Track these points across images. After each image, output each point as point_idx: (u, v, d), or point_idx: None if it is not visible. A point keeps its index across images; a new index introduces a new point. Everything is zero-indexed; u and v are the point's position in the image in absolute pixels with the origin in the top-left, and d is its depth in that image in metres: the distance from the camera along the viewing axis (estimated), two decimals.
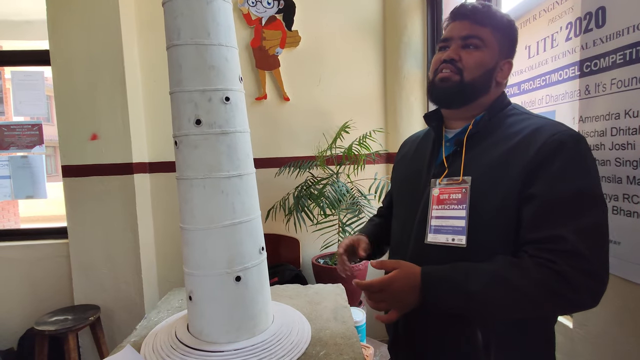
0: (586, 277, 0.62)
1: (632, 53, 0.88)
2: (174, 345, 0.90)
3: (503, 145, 0.75)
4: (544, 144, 0.69)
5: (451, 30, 0.82)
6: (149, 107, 2.38)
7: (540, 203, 0.67)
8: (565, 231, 0.63)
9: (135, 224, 2.22)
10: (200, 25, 0.86)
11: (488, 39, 0.79)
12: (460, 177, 0.77)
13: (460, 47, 0.80)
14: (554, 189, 0.66)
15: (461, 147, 0.80)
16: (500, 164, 0.73)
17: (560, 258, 0.62)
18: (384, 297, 0.73)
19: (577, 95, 1.05)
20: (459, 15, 0.82)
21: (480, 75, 0.79)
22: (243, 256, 0.91)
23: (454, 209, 0.77)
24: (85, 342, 2.26)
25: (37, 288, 2.31)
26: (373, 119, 2.50)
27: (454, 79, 0.80)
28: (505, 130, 0.77)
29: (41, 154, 2.36)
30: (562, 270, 0.62)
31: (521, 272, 0.64)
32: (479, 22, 0.80)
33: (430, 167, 0.86)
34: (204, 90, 0.87)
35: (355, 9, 2.44)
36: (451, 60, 0.80)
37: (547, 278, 0.63)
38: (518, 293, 0.64)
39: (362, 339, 1.83)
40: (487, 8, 0.81)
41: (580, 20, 1.03)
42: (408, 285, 0.71)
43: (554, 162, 0.67)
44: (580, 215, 0.64)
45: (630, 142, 0.89)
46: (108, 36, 2.12)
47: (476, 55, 0.79)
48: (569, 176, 0.66)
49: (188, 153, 0.88)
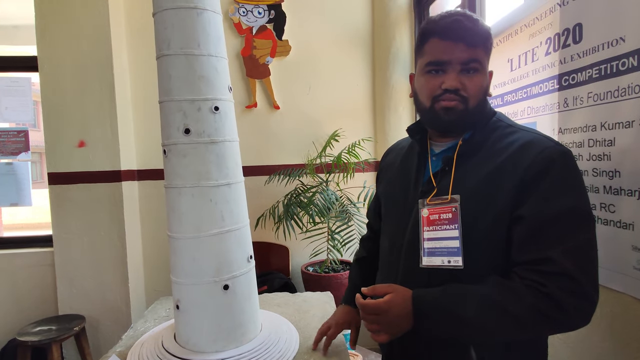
0: (577, 299, 0.62)
1: (607, 68, 0.92)
2: (161, 355, 0.89)
3: (491, 162, 0.73)
4: (533, 162, 0.68)
5: (446, 53, 0.75)
6: (138, 114, 2.37)
7: (529, 223, 0.66)
8: (554, 253, 0.63)
9: (122, 232, 2.20)
10: (191, 36, 0.88)
11: (483, 60, 0.76)
12: (449, 196, 0.75)
13: (458, 72, 0.75)
14: (543, 210, 0.65)
15: (450, 165, 0.78)
16: (489, 182, 0.72)
17: (550, 281, 0.62)
18: (378, 321, 0.72)
19: (556, 108, 1.09)
20: (453, 36, 0.74)
21: (481, 98, 0.77)
22: (231, 264, 0.91)
23: (445, 229, 0.75)
24: (70, 352, 2.21)
25: (20, 297, 2.26)
26: (362, 128, 2.53)
27: (459, 108, 0.75)
28: (492, 146, 0.75)
29: (27, 160, 2.32)
30: (553, 293, 0.62)
31: (513, 297, 0.64)
32: (474, 44, 0.74)
33: (417, 185, 0.84)
34: (193, 99, 0.88)
35: (344, 19, 2.48)
36: (455, 90, 0.74)
37: (538, 302, 0.62)
38: (510, 317, 0.64)
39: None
40: (478, 25, 0.75)
41: (558, 36, 1.08)
42: (403, 312, 0.71)
43: (543, 181, 0.66)
44: (569, 235, 0.64)
45: (606, 153, 0.93)
46: (97, 43, 2.12)
47: (477, 79, 0.75)
48: (557, 196, 0.66)
49: (177, 162, 0.89)
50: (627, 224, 0.88)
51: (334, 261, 2.30)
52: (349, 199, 2.27)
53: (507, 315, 0.64)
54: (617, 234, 0.91)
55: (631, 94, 0.85)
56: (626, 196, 0.88)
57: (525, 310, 0.63)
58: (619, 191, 0.90)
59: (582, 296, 0.63)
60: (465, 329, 0.68)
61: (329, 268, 2.28)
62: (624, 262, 0.90)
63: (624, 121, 0.87)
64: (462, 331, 0.68)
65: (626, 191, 0.88)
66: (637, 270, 0.86)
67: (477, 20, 0.75)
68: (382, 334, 0.72)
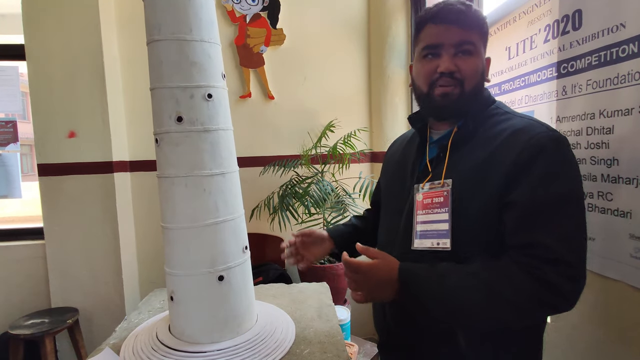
0: (571, 282, 0.63)
1: (607, 55, 0.91)
2: (155, 347, 0.88)
3: (484, 147, 0.74)
4: (523, 148, 0.68)
5: (439, 36, 0.76)
6: (130, 103, 2.33)
7: (522, 209, 0.66)
8: (548, 238, 0.63)
9: (115, 223, 2.17)
10: (182, 21, 0.85)
11: (477, 43, 0.76)
12: (442, 181, 0.76)
13: (452, 55, 0.75)
14: (535, 195, 0.66)
15: (444, 152, 0.79)
16: (482, 166, 0.72)
17: (546, 265, 0.63)
18: (359, 280, 0.73)
19: (554, 96, 1.08)
20: (445, 19, 0.75)
21: (477, 81, 0.78)
22: (226, 255, 0.90)
23: (437, 212, 0.76)
24: (63, 345, 2.19)
25: (11, 291, 2.22)
26: (358, 119, 2.51)
27: (455, 92, 0.76)
28: (486, 132, 0.76)
29: (16, 152, 2.28)
30: (551, 279, 0.62)
31: (505, 279, 0.64)
32: (467, 26, 0.75)
33: (414, 172, 0.85)
34: (186, 86, 0.85)
35: (340, 8, 2.44)
36: (450, 73, 0.75)
37: (532, 286, 0.63)
38: (499, 299, 0.64)
39: (346, 337, 1.84)
40: (471, 10, 0.76)
41: (557, 23, 1.06)
42: (386, 278, 0.71)
43: (534, 166, 0.66)
44: (561, 220, 0.64)
45: (605, 141, 0.92)
46: (86, 30, 2.06)
47: (472, 61, 0.75)
48: (548, 181, 0.66)
49: (169, 151, 0.87)
50: (625, 212, 0.88)
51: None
52: (345, 189, 2.26)
53: (497, 296, 0.64)
54: (615, 222, 0.91)
55: (631, 81, 0.84)
56: (624, 184, 0.88)
57: (520, 294, 0.63)
58: (617, 179, 0.90)
59: (576, 279, 0.64)
60: (446, 303, 0.67)
61: (325, 259, 2.27)
62: (620, 251, 0.90)
63: (623, 109, 0.87)
64: (443, 306, 0.68)
65: (624, 179, 0.88)
66: (634, 258, 0.86)
67: (470, 5, 0.76)
68: (359, 294, 0.73)
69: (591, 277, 0.99)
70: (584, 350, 1.04)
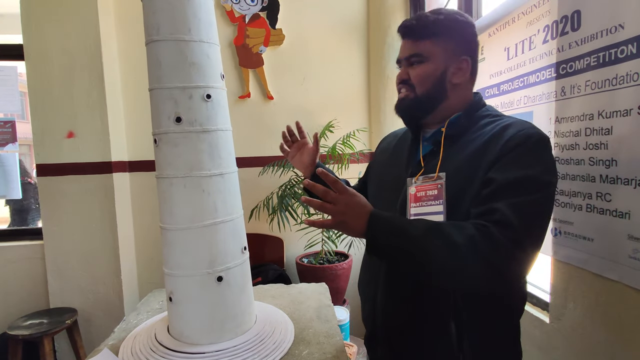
0: (509, 242, 0.66)
1: (605, 56, 0.91)
2: (154, 348, 0.88)
3: (476, 142, 0.79)
4: (510, 138, 0.74)
5: (400, 51, 0.89)
6: (129, 104, 2.32)
7: (493, 185, 0.71)
8: (500, 204, 0.69)
9: (114, 224, 2.17)
10: (181, 21, 0.85)
11: (428, 51, 0.84)
12: (436, 174, 0.80)
13: (407, 66, 0.87)
14: (505, 173, 0.71)
15: (438, 146, 0.84)
16: (473, 159, 0.77)
17: (492, 224, 0.67)
18: (337, 200, 0.73)
19: (553, 97, 1.08)
20: (402, 35, 0.88)
21: (431, 85, 0.85)
22: (225, 256, 0.89)
23: (431, 204, 0.79)
24: (62, 346, 2.19)
25: (10, 291, 2.22)
26: (357, 119, 2.51)
27: (410, 96, 0.87)
28: (478, 130, 0.81)
29: (14, 152, 2.27)
30: (492, 233, 0.66)
31: (458, 228, 0.69)
32: (417, 37, 0.84)
33: (408, 167, 0.90)
34: (185, 87, 0.85)
35: (339, 8, 2.44)
36: (403, 81, 0.87)
37: (477, 234, 0.67)
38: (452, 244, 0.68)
39: (345, 337, 1.84)
40: (421, 21, 0.84)
41: (556, 23, 1.06)
42: (361, 209, 0.74)
43: (513, 151, 0.72)
44: (519, 194, 0.69)
45: (603, 142, 0.92)
46: (85, 30, 2.06)
47: (419, 69, 0.85)
48: (520, 163, 0.71)
49: (168, 151, 0.87)
50: (623, 213, 0.88)
51: (329, 252, 2.30)
52: None
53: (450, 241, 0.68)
54: (613, 223, 0.91)
55: (630, 81, 0.84)
56: (622, 185, 0.88)
57: (464, 238, 0.67)
58: (615, 180, 0.90)
59: (515, 242, 0.66)
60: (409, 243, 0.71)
61: (324, 259, 2.27)
62: (619, 251, 0.90)
63: (622, 109, 0.87)
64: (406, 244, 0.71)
65: (622, 180, 0.88)
66: (632, 259, 0.86)
67: (423, 17, 0.84)
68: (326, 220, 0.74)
69: (591, 278, 0.99)
70: (584, 350, 1.04)
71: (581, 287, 1.04)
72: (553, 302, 1.16)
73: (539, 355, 1.22)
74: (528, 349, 1.27)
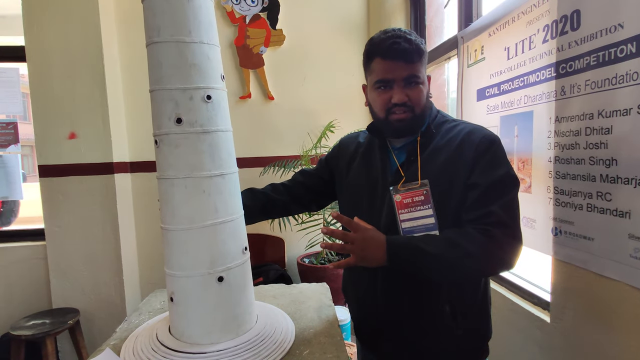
0: (510, 239, 0.80)
1: (605, 55, 0.91)
2: (155, 348, 0.88)
3: (448, 148, 0.88)
4: (478, 144, 0.85)
5: (388, 72, 0.87)
6: (130, 105, 2.33)
7: (480, 188, 0.83)
8: (494, 207, 0.81)
9: (116, 224, 2.17)
10: (181, 23, 0.85)
11: (422, 72, 0.89)
12: (419, 182, 0.87)
13: (402, 87, 0.88)
14: (489, 177, 0.83)
15: (414, 155, 0.91)
16: (451, 163, 0.86)
17: (492, 226, 0.79)
18: (355, 238, 0.81)
19: (553, 96, 1.08)
20: (391, 56, 0.86)
21: (425, 104, 0.91)
22: (226, 256, 0.90)
23: (420, 209, 0.87)
24: (65, 346, 2.20)
25: (13, 292, 2.23)
26: (357, 119, 2.51)
27: (408, 117, 0.89)
28: (443, 137, 0.90)
29: (17, 153, 2.28)
30: (495, 235, 0.79)
31: (468, 237, 0.80)
32: (412, 60, 0.86)
33: (385, 175, 0.94)
34: (185, 88, 0.85)
35: (340, 9, 2.45)
36: (403, 103, 0.88)
37: (483, 240, 0.79)
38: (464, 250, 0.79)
39: (346, 337, 1.84)
40: (414, 44, 0.86)
41: (556, 23, 1.06)
42: (377, 240, 0.82)
43: (485, 157, 0.84)
44: (504, 194, 0.82)
45: (603, 141, 0.92)
46: (87, 31, 2.07)
47: (418, 91, 0.89)
48: (495, 166, 0.84)
49: (169, 152, 0.87)
50: (624, 212, 0.88)
51: (330, 252, 2.30)
52: None
53: (459, 247, 0.79)
54: (614, 223, 0.91)
55: (629, 81, 0.84)
56: (623, 184, 0.88)
57: (474, 245, 0.79)
58: (615, 179, 0.90)
59: (514, 237, 0.81)
60: (429, 260, 0.80)
61: (325, 259, 2.28)
62: (620, 251, 0.90)
63: (622, 109, 0.87)
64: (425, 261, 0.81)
65: (623, 179, 0.88)
66: (633, 258, 0.86)
67: (412, 40, 0.87)
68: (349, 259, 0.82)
69: (592, 277, 0.99)
70: (585, 350, 1.04)
71: (582, 287, 1.04)
72: (554, 302, 1.16)
73: (540, 355, 1.22)
74: (529, 348, 1.27)
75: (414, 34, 0.89)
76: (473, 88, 1.54)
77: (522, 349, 1.30)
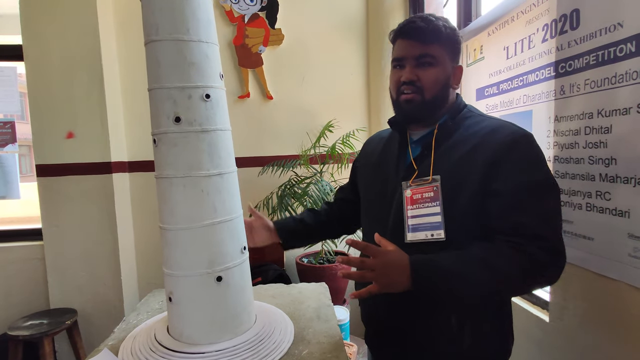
0: (550, 254, 0.72)
1: (604, 54, 0.91)
2: (153, 348, 0.88)
3: (465, 145, 0.81)
4: (502, 142, 0.77)
5: (402, 50, 0.86)
6: (128, 104, 2.32)
7: (506, 196, 0.74)
8: (530, 219, 0.73)
9: (114, 224, 2.16)
10: (180, 21, 0.84)
11: (439, 55, 0.84)
12: (430, 177, 0.82)
13: (414, 67, 0.84)
14: (517, 183, 0.74)
15: (429, 149, 0.86)
16: (465, 162, 0.80)
17: (528, 241, 0.71)
18: (375, 265, 0.73)
19: (552, 96, 1.08)
20: (406, 34, 0.85)
21: (439, 90, 0.85)
22: (224, 256, 0.89)
23: (428, 206, 0.82)
24: (63, 346, 2.19)
25: (10, 292, 2.22)
26: (356, 118, 2.51)
27: (416, 99, 0.85)
28: (465, 132, 0.84)
29: (14, 152, 2.27)
30: (534, 252, 0.71)
31: (501, 256, 0.72)
32: (428, 40, 0.83)
33: (398, 170, 0.90)
34: (184, 87, 0.85)
35: (338, 8, 2.44)
36: (410, 82, 0.84)
37: (521, 259, 0.71)
38: (499, 274, 0.72)
39: (345, 337, 1.84)
40: (431, 25, 0.83)
41: (555, 22, 1.06)
42: (400, 264, 0.74)
43: (511, 158, 0.75)
44: (539, 202, 0.74)
45: (603, 140, 0.92)
46: (85, 30, 2.06)
47: (431, 72, 0.84)
48: (524, 170, 0.75)
49: (167, 151, 0.86)
50: (623, 211, 0.88)
51: (329, 252, 2.30)
52: None
53: (498, 272, 0.72)
54: (613, 222, 0.91)
55: (629, 80, 0.84)
56: (622, 184, 0.88)
57: (512, 267, 0.71)
58: (614, 179, 0.90)
59: (554, 251, 0.73)
60: (458, 284, 0.73)
61: (324, 259, 2.27)
62: (619, 250, 0.90)
63: (621, 108, 0.87)
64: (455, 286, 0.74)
65: (622, 179, 0.88)
66: (632, 257, 0.86)
67: (432, 21, 0.83)
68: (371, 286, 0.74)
69: (590, 277, 0.99)
70: (584, 350, 1.04)
71: (581, 286, 1.04)
72: (553, 301, 1.16)
73: (539, 354, 1.22)
74: (528, 348, 1.27)
75: (443, 19, 0.85)
76: (472, 87, 1.54)
77: (521, 348, 1.30)
